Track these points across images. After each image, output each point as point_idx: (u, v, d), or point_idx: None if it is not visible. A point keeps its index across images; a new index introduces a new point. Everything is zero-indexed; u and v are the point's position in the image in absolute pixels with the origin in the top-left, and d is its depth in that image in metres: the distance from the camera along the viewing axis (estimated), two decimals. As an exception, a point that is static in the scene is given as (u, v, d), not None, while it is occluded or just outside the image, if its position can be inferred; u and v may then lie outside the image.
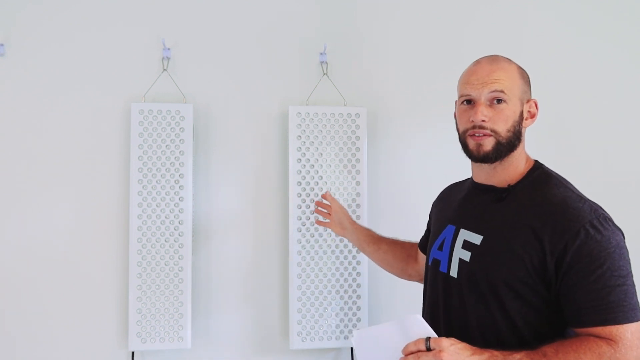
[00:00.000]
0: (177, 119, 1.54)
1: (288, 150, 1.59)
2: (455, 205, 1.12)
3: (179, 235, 1.52)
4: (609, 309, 0.84)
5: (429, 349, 0.85)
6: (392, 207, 1.65)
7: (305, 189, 1.58)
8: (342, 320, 1.59)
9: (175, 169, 1.53)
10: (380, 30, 1.71)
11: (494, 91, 0.96)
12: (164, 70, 1.60)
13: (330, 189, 1.59)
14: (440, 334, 0.99)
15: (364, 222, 1.60)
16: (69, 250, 1.55)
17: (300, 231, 1.58)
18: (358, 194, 1.61)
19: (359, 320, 1.59)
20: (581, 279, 0.86)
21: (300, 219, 1.58)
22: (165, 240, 1.52)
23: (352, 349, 1.63)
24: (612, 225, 0.91)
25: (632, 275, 0.88)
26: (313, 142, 1.60)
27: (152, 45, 1.60)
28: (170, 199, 1.52)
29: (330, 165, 1.60)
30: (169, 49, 1.60)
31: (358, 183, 1.61)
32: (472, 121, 0.98)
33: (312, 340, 1.57)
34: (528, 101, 1.02)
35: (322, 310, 1.58)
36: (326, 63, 1.65)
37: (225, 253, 1.61)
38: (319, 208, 1.51)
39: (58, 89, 1.57)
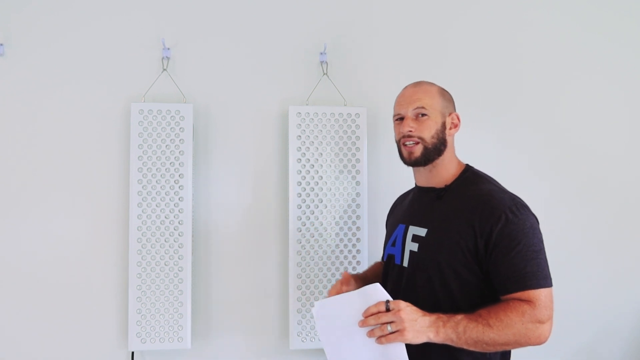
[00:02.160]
0: (177, 119, 1.54)
1: (288, 150, 1.59)
2: (404, 209, 1.32)
3: (179, 235, 1.52)
4: (527, 278, 1.03)
5: (388, 310, 1.01)
6: (392, 207, 1.64)
7: (305, 189, 1.58)
8: (342, 320, 1.59)
9: (175, 169, 1.53)
10: (381, 30, 1.71)
11: (417, 107, 1.20)
12: (164, 70, 1.60)
13: (330, 189, 1.59)
14: None
15: (364, 222, 1.61)
16: (68, 250, 1.55)
17: (300, 231, 1.58)
18: (358, 194, 1.61)
19: (359, 320, 1.59)
20: (504, 255, 1.05)
21: (300, 219, 1.58)
22: (165, 240, 1.52)
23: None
24: (527, 211, 1.09)
25: (544, 252, 1.07)
26: (313, 142, 1.60)
27: (152, 45, 1.60)
28: (170, 199, 1.52)
29: (330, 165, 1.60)
30: (169, 49, 1.60)
31: (358, 183, 1.61)
32: (402, 132, 1.21)
33: (312, 340, 1.57)
34: (450, 114, 1.22)
35: (322, 310, 1.57)
36: (326, 63, 1.65)
37: (225, 253, 1.61)
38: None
39: (58, 89, 1.57)
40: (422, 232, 1.19)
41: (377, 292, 1.03)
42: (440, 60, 1.72)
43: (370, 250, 1.63)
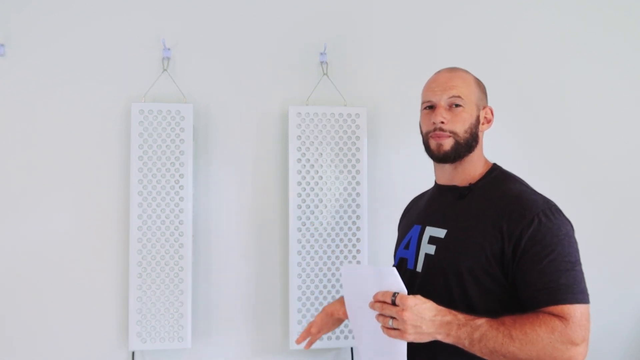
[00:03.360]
0: (177, 119, 1.54)
1: (288, 150, 1.59)
2: (421, 209, 1.21)
3: (179, 235, 1.52)
4: (561, 291, 0.92)
5: (394, 303, 0.91)
6: (392, 207, 1.64)
7: (305, 189, 1.58)
8: (342, 320, 1.59)
9: (175, 169, 1.53)
10: (380, 30, 1.71)
11: (452, 96, 1.07)
12: (164, 70, 1.60)
13: (330, 189, 1.59)
14: None
15: (364, 222, 1.61)
16: (69, 250, 1.55)
17: (300, 231, 1.58)
18: (358, 194, 1.61)
19: (359, 320, 1.59)
20: (535, 263, 0.94)
21: (300, 219, 1.58)
22: (166, 240, 1.52)
23: (352, 348, 1.63)
24: (562, 215, 0.99)
25: (580, 263, 0.96)
26: (313, 142, 1.60)
27: (152, 45, 1.60)
28: (170, 199, 1.52)
29: (330, 165, 1.60)
30: (169, 49, 1.60)
31: (358, 183, 1.61)
32: (434, 123, 1.07)
33: (312, 340, 1.57)
34: (484, 108, 1.12)
35: (322, 310, 1.58)
36: (326, 63, 1.65)
37: (225, 253, 1.62)
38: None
39: (58, 89, 1.57)
40: (441, 233, 1.07)
41: (389, 278, 0.94)
42: (441, 60, 1.71)
43: (370, 250, 1.63)
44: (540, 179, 1.73)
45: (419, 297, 0.92)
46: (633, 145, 1.80)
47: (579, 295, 0.92)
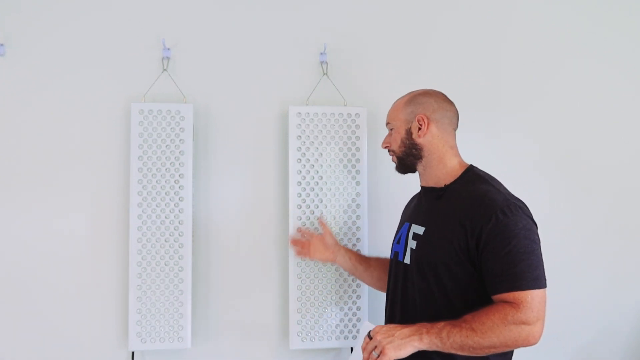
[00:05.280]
0: (177, 119, 1.54)
1: (288, 150, 1.59)
2: (411, 208, 1.37)
3: (179, 235, 1.52)
4: (515, 278, 1.03)
5: (371, 339, 1.08)
6: (392, 207, 1.64)
7: (305, 189, 1.58)
8: (342, 320, 1.59)
9: (175, 169, 1.53)
10: (380, 30, 1.71)
11: (387, 124, 1.32)
12: (164, 70, 1.60)
13: (330, 189, 1.59)
14: (396, 310, 1.26)
15: (364, 222, 1.61)
16: (69, 250, 1.55)
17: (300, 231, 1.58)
18: (358, 194, 1.61)
19: (359, 320, 1.59)
20: (494, 254, 1.06)
21: (300, 219, 1.58)
22: (165, 240, 1.52)
23: (352, 348, 1.63)
24: (520, 212, 1.08)
25: (538, 254, 1.06)
26: (313, 142, 1.60)
27: (152, 45, 1.60)
28: (170, 199, 1.52)
29: (330, 165, 1.60)
30: (169, 49, 1.60)
31: (358, 183, 1.61)
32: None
33: (312, 340, 1.57)
34: (416, 117, 1.24)
35: (322, 310, 1.58)
36: (326, 63, 1.65)
37: (225, 253, 1.62)
38: (296, 240, 1.56)
39: (58, 89, 1.57)
40: (420, 230, 1.22)
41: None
42: (441, 60, 1.72)
43: (371, 249, 1.63)
44: (542, 181, 1.75)
45: (387, 324, 1.11)
46: (635, 144, 1.80)
47: (531, 282, 1.03)
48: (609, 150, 1.78)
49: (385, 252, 1.65)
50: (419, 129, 1.23)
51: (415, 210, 1.32)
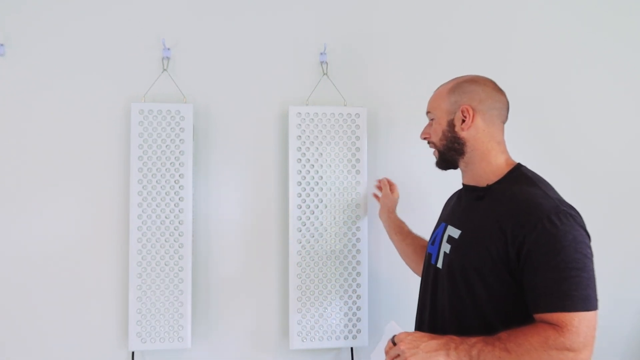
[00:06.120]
0: (177, 119, 1.54)
1: (288, 150, 1.59)
2: (449, 207, 1.26)
3: (179, 235, 1.52)
4: (560, 297, 0.91)
5: (395, 344, 1.00)
6: (392, 207, 1.64)
7: (305, 189, 1.58)
8: (342, 320, 1.59)
9: (175, 169, 1.53)
10: (380, 30, 1.70)
11: (427, 113, 1.22)
12: (164, 70, 1.60)
13: (330, 189, 1.59)
14: (425, 317, 1.18)
15: (364, 222, 1.61)
16: (69, 250, 1.55)
17: (300, 231, 1.58)
18: (358, 194, 1.61)
19: (359, 320, 1.59)
20: (538, 268, 0.94)
21: (300, 219, 1.58)
22: (165, 240, 1.52)
23: (352, 348, 1.63)
24: (572, 221, 0.96)
25: (590, 270, 0.94)
26: (313, 142, 1.60)
27: (152, 45, 1.60)
28: (170, 199, 1.52)
29: (330, 165, 1.60)
30: (169, 49, 1.60)
31: (358, 183, 1.61)
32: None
33: (312, 340, 1.57)
34: (460, 108, 1.12)
35: (322, 310, 1.58)
36: (326, 63, 1.65)
37: (225, 253, 1.62)
38: (378, 185, 1.62)
39: (58, 89, 1.57)
40: (456, 233, 1.11)
41: (391, 330, 1.06)
42: (441, 60, 1.72)
43: (371, 250, 1.64)
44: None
45: (414, 331, 1.02)
46: (634, 143, 1.80)
47: (578, 302, 0.90)
48: (609, 149, 1.78)
49: (385, 252, 1.66)
50: (463, 121, 1.11)
51: (453, 210, 1.21)
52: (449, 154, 1.14)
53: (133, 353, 1.54)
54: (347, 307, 1.59)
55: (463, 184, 1.20)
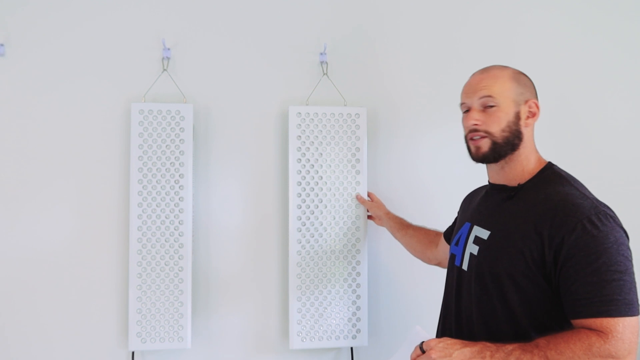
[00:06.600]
0: (177, 119, 1.54)
1: (288, 150, 1.59)
2: (474, 206, 1.19)
3: (179, 235, 1.52)
4: (602, 302, 0.87)
5: (423, 351, 0.93)
6: (392, 206, 1.64)
7: (305, 189, 1.58)
8: (341, 320, 1.59)
9: (175, 169, 1.53)
10: (381, 30, 1.70)
11: (482, 97, 1.05)
12: (164, 70, 1.60)
13: (330, 189, 1.60)
14: (450, 322, 1.12)
15: (364, 222, 1.61)
16: (68, 250, 1.55)
17: (300, 231, 1.58)
18: (358, 194, 1.61)
19: (358, 320, 1.59)
20: (577, 272, 0.90)
21: (300, 219, 1.58)
22: (165, 240, 1.52)
23: (352, 348, 1.63)
24: (612, 222, 0.93)
25: (631, 273, 0.90)
26: (313, 142, 1.60)
27: (152, 45, 1.60)
28: (170, 199, 1.52)
29: (330, 165, 1.60)
30: (169, 49, 1.60)
31: (358, 183, 1.61)
32: (468, 126, 1.08)
33: (312, 340, 1.57)
34: (527, 102, 1.07)
35: (322, 310, 1.58)
36: (326, 63, 1.65)
37: (225, 253, 1.62)
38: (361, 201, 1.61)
39: (58, 89, 1.57)
40: (484, 234, 1.06)
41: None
42: (442, 59, 1.72)
43: (370, 250, 1.64)
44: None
45: (444, 337, 0.94)
46: (634, 142, 1.80)
47: (623, 307, 0.87)
48: (610, 148, 1.78)
49: (385, 252, 1.66)
50: (528, 117, 1.06)
51: (479, 209, 1.15)
52: (505, 148, 1.05)
53: (133, 353, 1.54)
54: (347, 307, 1.59)
55: (490, 183, 1.15)
